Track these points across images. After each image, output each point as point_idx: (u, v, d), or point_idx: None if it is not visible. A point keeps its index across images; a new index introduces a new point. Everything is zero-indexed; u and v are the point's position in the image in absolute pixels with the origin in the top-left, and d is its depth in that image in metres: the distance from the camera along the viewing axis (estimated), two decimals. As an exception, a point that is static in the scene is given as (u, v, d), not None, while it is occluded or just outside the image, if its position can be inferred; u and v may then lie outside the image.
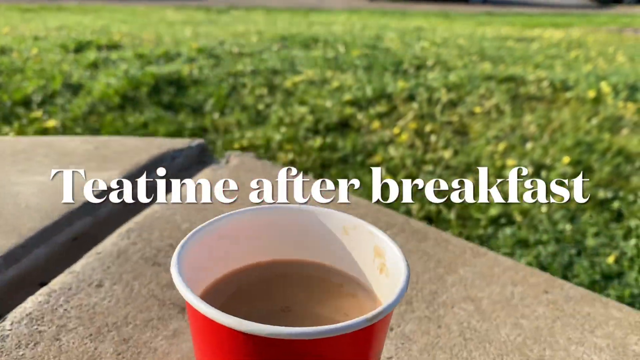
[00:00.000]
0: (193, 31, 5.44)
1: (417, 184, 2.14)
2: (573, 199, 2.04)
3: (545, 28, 8.04)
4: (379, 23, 7.85)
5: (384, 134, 2.64)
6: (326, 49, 4.59)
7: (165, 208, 0.64)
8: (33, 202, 0.63)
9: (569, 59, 4.58)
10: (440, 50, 4.60)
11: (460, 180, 2.20)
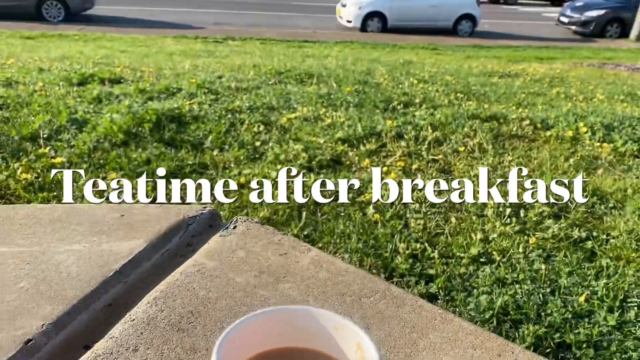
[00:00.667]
0: (192, 63, 5.63)
1: (406, 222, 2.30)
2: (549, 239, 2.20)
3: (530, 62, 8.35)
4: (370, 56, 8.10)
5: (374, 171, 2.80)
6: (320, 84, 4.78)
7: (184, 276, 0.77)
8: (73, 271, 0.76)
9: (550, 96, 4.80)
10: (428, 87, 4.81)
11: (445, 217, 2.36)
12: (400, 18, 12.52)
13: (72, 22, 10.90)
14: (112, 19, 12.10)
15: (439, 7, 12.57)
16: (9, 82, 3.96)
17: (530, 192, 2.55)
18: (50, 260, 0.77)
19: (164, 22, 12.07)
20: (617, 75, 6.72)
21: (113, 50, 6.93)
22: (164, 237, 0.84)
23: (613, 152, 3.19)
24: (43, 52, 6.44)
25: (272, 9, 16.24)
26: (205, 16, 13.60)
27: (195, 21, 12.51)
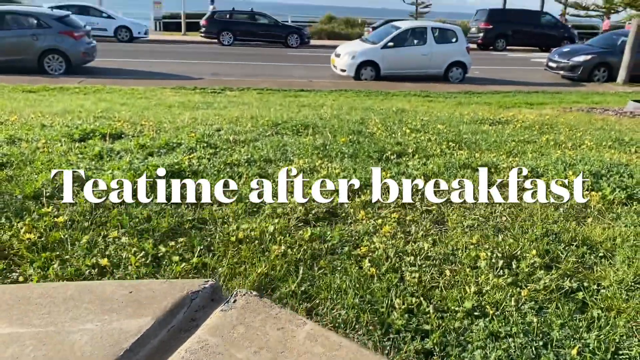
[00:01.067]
0: (191, 116, 5.77)
1: (401, 275, 2.35)
2: (541, 290, 2.25)
3: (520, 108, 8.56)
4: (364, 104, 8.29)
5: (369, 223, 2.87)
6: (315, 135, 4.91)
7: (189, 354, 0.83)
8: (87, 351, 0.82)
9: (540, 143, 4.93)
10: (420, 136, 4.94)
11: (440, 270, 2.41)
12: (393, 66, 12.87)
13: (73, 75, 11.17)
14: (112, 71, 12.40)
15: (430, 55, 12.95)
16: (12, 139, 4.06)
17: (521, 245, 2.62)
18: (65, 340, 0.82)
19: (163, 74, 12.37)
20: (605, 120, 6.90)
21: (113, 103, 7.10)
22: (170, 313, 0.89)
23: (602, 200, 3.28)
24: (45, 106, 6.60)
25: (269, 59, 16.68)
26: (203, 67, 13.95)
27: (193, 72, 12.82)
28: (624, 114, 7.96)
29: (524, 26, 22.91)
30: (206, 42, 21.14)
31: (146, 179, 3.14)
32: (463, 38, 13.47)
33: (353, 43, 14.25)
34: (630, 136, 5.52)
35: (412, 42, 13.12)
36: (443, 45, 13.16)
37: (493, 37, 22.75)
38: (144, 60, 14.78)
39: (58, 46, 11.17)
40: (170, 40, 22.07)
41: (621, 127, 6.26)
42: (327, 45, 21.58)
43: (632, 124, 6.76)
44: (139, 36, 19.83)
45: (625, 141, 5.20)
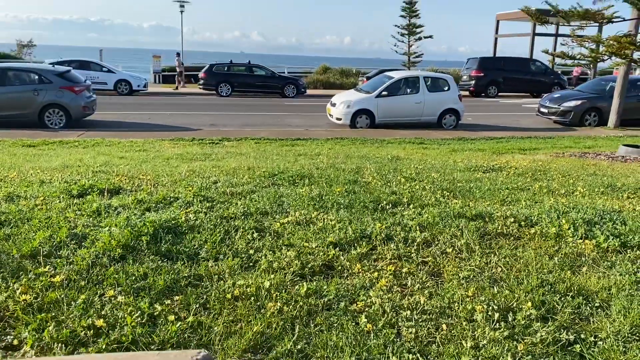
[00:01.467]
0: (188, 168, 5.83)
1: (398, 330, 2.34)
2: (538, 343, 2.24)
3: (513, 154, 8.68)
4: (360, 152, 8.41)
5: (365, 276, 2.88)
6: (311, 185, 4.96)
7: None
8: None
9: (534, 190, 4.98)
10: (415, 185, 5.00)
11: (436, 324, 2.40)
12: (387, 115, 13.11)
13: (74, 128, 11.33)
14: (111, 124, 12.60)
15: (423, 103, 13.22)
16: (11, 196, 4.10)
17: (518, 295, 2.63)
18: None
19: (162, 125, 12.56)
20: (598, 166, 6.99)
21: (112, 157, 7.18)
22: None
23: (596, 248, 3.30)
24: (44, 161, 6.68)
25: (266, 109, 16.99)
26: (201, 118, 14.18)
27: (192, 123, 13.03)
28: (615, 159, 8.07)
29: (514, 73, 23.50)
30: (205, 93, 21.57)
31: (143, 236, 3.16)
32: (455, 86, 13.79)
33: (348, 92, 14.56)
34: (622, 181, 5.59)
35: (406, 91, 13.42)
36: (435, 93, 13.45)
37: (485, 84, 23.29)
38: (143, 112, 15.04)
39: (58, 101, 11.39)
40: (170, 92, 22.50)
41: (613, 172, 6.35)
42: (323, 94, 22.03)
43: (624, 168, 6.85)
44: (138, 89, 20.23)
45: (617, 187, 5.26)
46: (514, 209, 4.10)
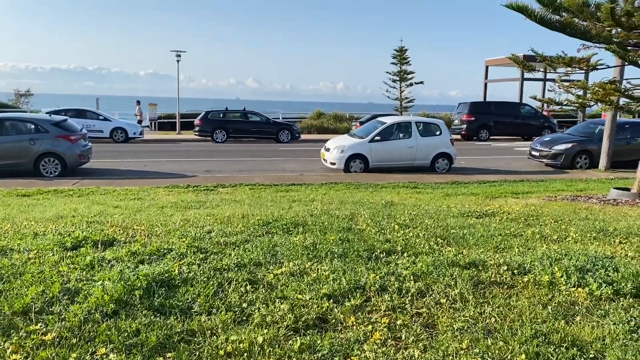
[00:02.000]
0: (182, 217, 5.85)
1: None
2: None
3: (506, 198, 8.75)
4: (354, 197, 8.46)
5: (359, 329, 2.86)
6: (305, 233, 4.97)
7: None
8: None
9: (526, 236, 5.01)
10: (409, 232, 5.02)
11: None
12: (381, 159, 13.27)
13: (69, 177, 11.38)
14: (107, 171, 12.67)
15: (415, 148, 13.41)
16: (3, 250, 4.09)
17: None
18: None
19: (157, 173, 12.64)
20: (590, 210, 7.05)
21: (106, 206, 7.19)
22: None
23: (589, 296, 3.31)
24: (38, 211, 6.68)
25: (261, 155, 17.16)
26: (196, 165, 14.29)
27: (187, 170, 13.12)
28: (607, 202, 8.15)
29: (505, 117, 23.94)
30: (200, 140, 21.80)
31: (136, 290, 3.15)
32: (446, 130, 14.02)
33: (342, 137, 14.77)
34: (614, 226, 5.64)
35: (398, 135, 13.63)
36: (428, 138, 13.67)
37: (476, 128, 23.68)
38: (138, 160, 15.15)
39: (54, 150, 11.49)
40: (165, 139, 22.73)
41: (605, 217, 6.40)
42: (317, 139, 22.29)
43: (616, 212, 6.91)
44: (134, 136, 20.44)
45: (609, 231, 5.30)
46: (507, 256, 4.12)
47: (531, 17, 7.91)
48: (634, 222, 6.03)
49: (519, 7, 7.91)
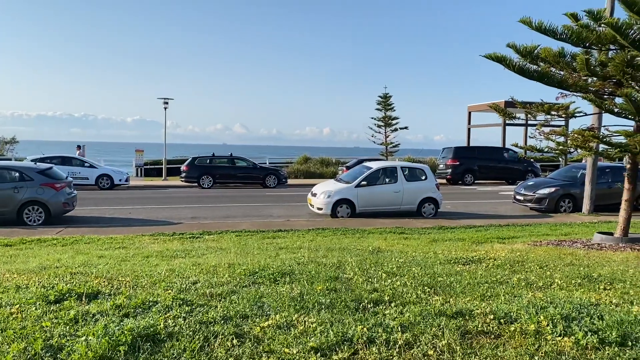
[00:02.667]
0: (168, 267, 5.80)
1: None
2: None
3: (492, 243, 8.81)
4: (341, 244, 8.46)
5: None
6: (292, 283, 4.95)
7: None
8: None
9: (512, 284, 5.04)
10: (396, 281, 5.02)
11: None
12: (367, 204, 13.34)
13: (53, 225, 11.25)
14: (92, 219, 12.55)
15: (402, 192, 13.53)
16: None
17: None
18: None
19: (143, 220, 12.55)
20: (574, 255, 7.13)
21: (91, 256, 7.11)
22: None
23: (575, 345, 3.32)
24: (21, 262, 6.58)
25: (248, 200, 17.15)
26: (183, 211, 14.23)
27: (173, 217, 13.04)
28: (591, 247, 8.24)
29: (489, 161, 24.36)
30: (186, 186, 21.78)
31: (121, 345, 3.10)
32: (432, 175, 14.20)
33: (328, 183, 14.85)
34: (599, 272, 5.70)
35: (384, 180, 13.76)
36: (414, 182, 13.81)
37: (461, 172, 24.02)
38: (124, 207, 15.05)
39: (39, 198, 11.40)
40: (151, 185, 22.68)
41: (589, 262, 6.47)
42: (304, 184, 22.40)
43: (600, 257, 6.99)
44: (120, 183, 20.36)
45: (594, 277, 5.35)
46: (494, 305, 4.13)
47: (510, 67, 8.21)
48: (617, 267, 6.11)
49: (498, 58, 8.22)
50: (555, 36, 8.16)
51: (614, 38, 7.58)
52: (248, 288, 4.75)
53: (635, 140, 7.76)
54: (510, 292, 4.68)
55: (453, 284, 4.99)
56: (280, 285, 4.90)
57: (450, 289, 4.78)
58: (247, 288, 4.75)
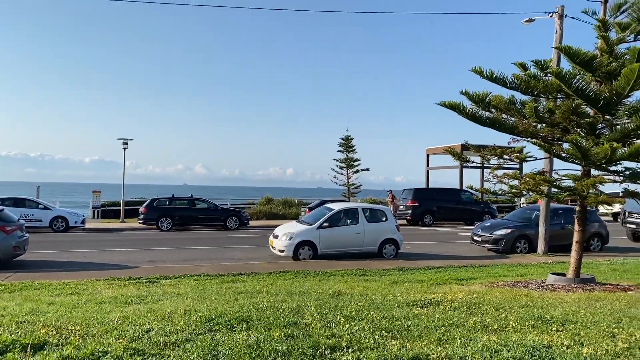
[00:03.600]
0: (121, 315, 5.61)
1: None
2: None
3: (451, 285, 8.91)
4: (302, 287, 8.38)
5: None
6: (249, 330, 4.87)
7: None
8: None
9: (468, 326, 5.10)
10: (355, 326, 5.01)
11: None
12: (329, 245, 13.33)
13: (1, 270, 10.74)
14: (44, 264, 12.06)
15: (363, 233, 13.60)
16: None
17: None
18: None
19: (98, 264, 12.15)
20: (529, 296, 7.28)
21: (40, 303, 6.81)
22: None
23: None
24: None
25: (208, 242, 16.87)
26: (140, 254, 13.87)
27: (129, 260, 12.68)
28: (546, 288, 8.45)
29: (447, 203, 24.90)
30: (145, 228, 21.30)
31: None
32: (392, 217, 14.38)
33: (290, 224, 14.80)
34: (552, 313, 5.84)
35: (346, 222, 13.82)
36: (374, 224, 13.92)
37: (420, 213, 24.43)
38: (79, 250, 14.57)
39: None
40: (108, 228, 22.08)
41: (543, 303, 6.62)
42: (266, 225, 22.26)
43: (553, 298, 7.17)
44: (75, 225, 19.74)
45: (547, 319, 5.47)
46: (450, 349, 4.16)
47: (463, 114, 8.55)
48: (569, 308, 6.27)
49: (452, 105, 8.56)
50: (506, 85, 8.59)
51: (560, 87, 8.02)
52: (203, 336, 4.64)
53: (582, 184, 8.12)
54: (467, 335, 4.73)
55: (411, 327, 5.01)
56: (237, 332, 4.81)
57: (407, 333, 4.80)
58: (202, 336, 4.64)
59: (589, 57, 7.74)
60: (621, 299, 7.10)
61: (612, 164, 7.95)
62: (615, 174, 8.47)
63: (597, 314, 5.89)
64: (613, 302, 6.73)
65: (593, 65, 7.84)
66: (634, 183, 8.50)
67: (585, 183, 8.08)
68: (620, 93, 7.55)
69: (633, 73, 6.99)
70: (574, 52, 7.67)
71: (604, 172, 8.47)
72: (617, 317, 5.72)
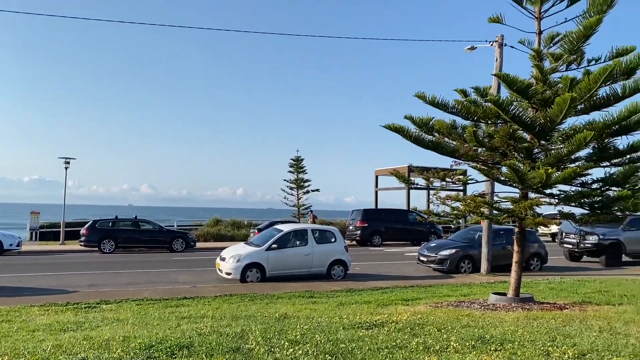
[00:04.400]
0: (55, 343, 5.35)
1: None
2: None
3: (396, 306, 9.02)
4: (247, 311, 8.26)
5: None
6: (190, 357, 4.74)
7: None
8: None
9: (411, 348, 5.16)
10: (298, 350, 4.97)
11: None
12: (278, 267, 13.23)
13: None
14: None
15: (312, 255, 13.60)
16: None
17: None
18: None
19: (33, 289, 11.56)
20: (471, 316, 7.46)
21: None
22: None
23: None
24: None
25: (152, 266, 16.38)
26: (79, 278, 13.30)
27: (68, 285, 12.14)
28: (487, 307, 8.68)
29: (394, 223, 25.32)
30: (86, 250, 20.47)
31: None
32: (341, 238, 14.46)
33: (238, 246, 14.61)
34: (491, 332, 5.99)
35: (295, 243, 13.79)
36: (323, 245, 13.95)
37: (369, 234, 24.70)
38: (13, 274, 13.82)
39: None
40: (47, 250, 21.10)
41: (484, 323, 6.79)
42: (214, 247, 21.86)
43: (493, 317, 7.37)
44: (10, 248, 18.74)
45: (486, 339, 5.61)
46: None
47: (407, 137, 8.76)
48: (508, 327, 6.46)
49: (396, 128, 8.76)
50: (447, 110, 8.89)
51: (498, 113, 8.38)
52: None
53: (520, 206, 8.45)
54: (409, 357, 4.79)
55: (354, 350, 5.02)
56: (177, 359, 4.68)
57: (351, 356, 4.81)
58: None
59: (525, 85, 8.13)
60: (557, 317, 7.39)
61: (547, 187, 8.32)
62: (551, 196, 8.87)
63: (534, 332, 6.09)
64: (549, 321, 6.99)
65: (529, 93, 8.23)
66: (567, 205, 8.93)
67: (523, 205, 8.41)
68: (554, 120, 7.96)
69: (565, 102, 7.40)
70: (511, 79, 8.05)
71: (540, 194, 8.86)
72: (553, 335, 5.94)
